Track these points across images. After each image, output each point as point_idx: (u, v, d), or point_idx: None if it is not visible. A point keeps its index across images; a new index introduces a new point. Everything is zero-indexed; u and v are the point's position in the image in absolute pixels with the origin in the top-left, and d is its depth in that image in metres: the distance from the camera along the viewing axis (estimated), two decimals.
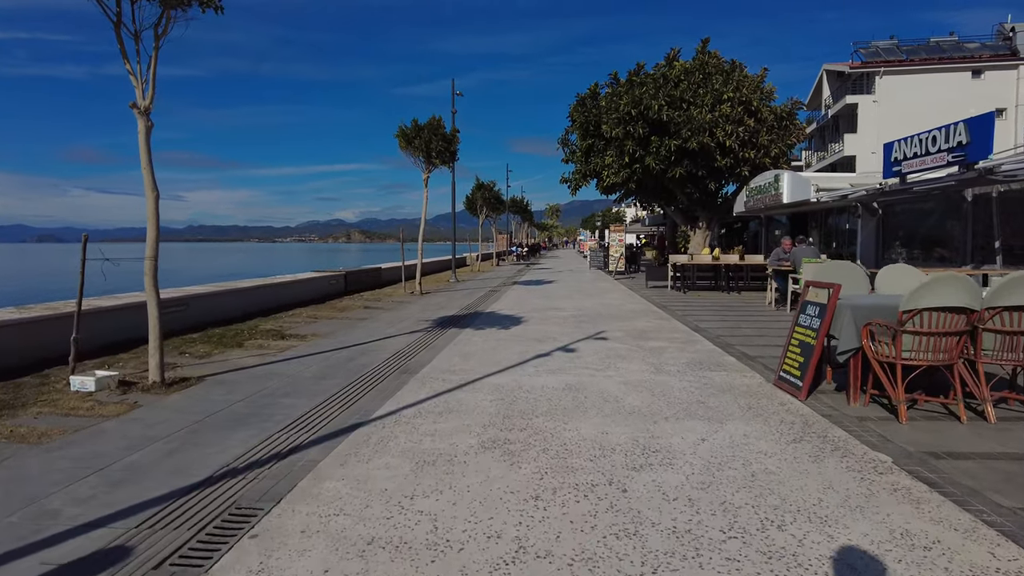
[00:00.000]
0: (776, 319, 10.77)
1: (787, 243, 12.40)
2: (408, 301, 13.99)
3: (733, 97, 22.55)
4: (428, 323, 10.25)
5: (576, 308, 12.29)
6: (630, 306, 12.70)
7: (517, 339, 8.48)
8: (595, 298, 14.49)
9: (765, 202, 20.98)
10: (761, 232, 26.91)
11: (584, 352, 7.46)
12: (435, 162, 14.73)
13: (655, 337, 8.61)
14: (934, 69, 35.54)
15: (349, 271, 16.42)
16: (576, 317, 10.86)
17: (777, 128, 23.70)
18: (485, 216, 27.36)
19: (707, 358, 7.10)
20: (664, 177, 24.58)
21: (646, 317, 10.85)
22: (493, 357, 7.19)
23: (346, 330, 9.53)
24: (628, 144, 22.76)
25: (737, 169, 23.27)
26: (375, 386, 5.82)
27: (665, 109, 21.80)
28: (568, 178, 26.94)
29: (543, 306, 12.70)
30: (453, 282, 20.05)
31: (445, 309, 12.38)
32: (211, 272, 52.39)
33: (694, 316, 10.95)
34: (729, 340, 8.33)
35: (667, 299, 14.15)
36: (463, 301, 13.96)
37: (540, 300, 13.97)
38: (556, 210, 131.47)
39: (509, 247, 46.29)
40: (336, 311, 11.95)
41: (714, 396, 5.38)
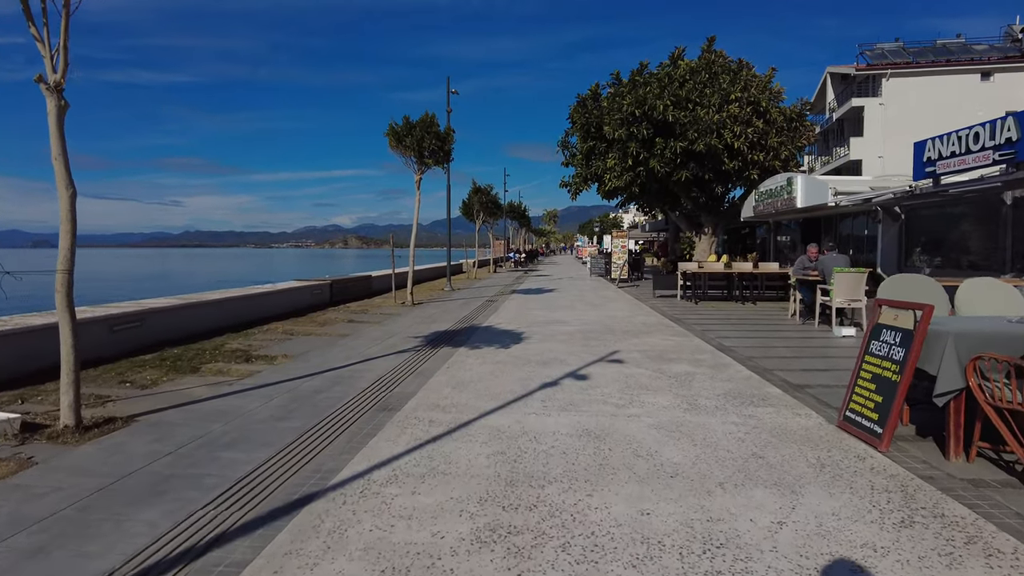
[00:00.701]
0: (807, 335, 9.65)
1: (813, 251, 11.29)
2: (398, 313, 12.84)
3: (741, 97, 21.58)
4: (418, 340, 9.10)
5: (581, 321, 11.17)
6: (640, 319, 11.58)
7: (518, 361, 7.34)
8: (600, 309, 13.37)
9: (776, 206, 19.93)
10: (769, 238, 25.85)
11: (598, 380, 6.33)
12: (428, 162, 13.61)
13: (677, 359, 7.48)
14: (942, 71, 34.64)
15: (335, 280, 15.26)
16: (583, 332, 9.73)
17: (787, 130, 22.73)
18: (482, 221, 26.24)
19: (745, 388, 5.97)
20: (669, 181, 23.57)
21: (661, 332, 9.72)
22: (491, 387, 6.04)
23: (323, 350, 8.37)
24: (631, 146, 21.74)
25: (745, 172, 22.28)
26: (344, 430, 4.67)
27: (671, 109, 20.81)
28: (568, 182, 25.90)
29: (545, 318, 11.57)
30: (448, 291, 18.91)
31: (438, 323, 11.24)
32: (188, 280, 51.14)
33: (714, 331, 9.83)
34: (763, 363, 7.21)
35: (679, 310, 13.04)
36: (458, 313, 12.82)
37: (541, 311, 12.85)
38: (553, 216, 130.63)
39: (507, 253, 45.19)
40: (316, 325, 10.79)
41: (772, 446, 4.25)
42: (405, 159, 13.79)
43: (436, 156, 13.54)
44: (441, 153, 13.59)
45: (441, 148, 13.57)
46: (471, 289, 20.13)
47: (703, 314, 12.41)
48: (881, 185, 16.29)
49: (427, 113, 13.56)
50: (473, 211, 25.84)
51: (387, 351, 8.19)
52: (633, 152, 21.60)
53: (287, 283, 13.72)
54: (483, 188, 25.28)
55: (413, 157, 13.56)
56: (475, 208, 25.60)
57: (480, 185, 25.27)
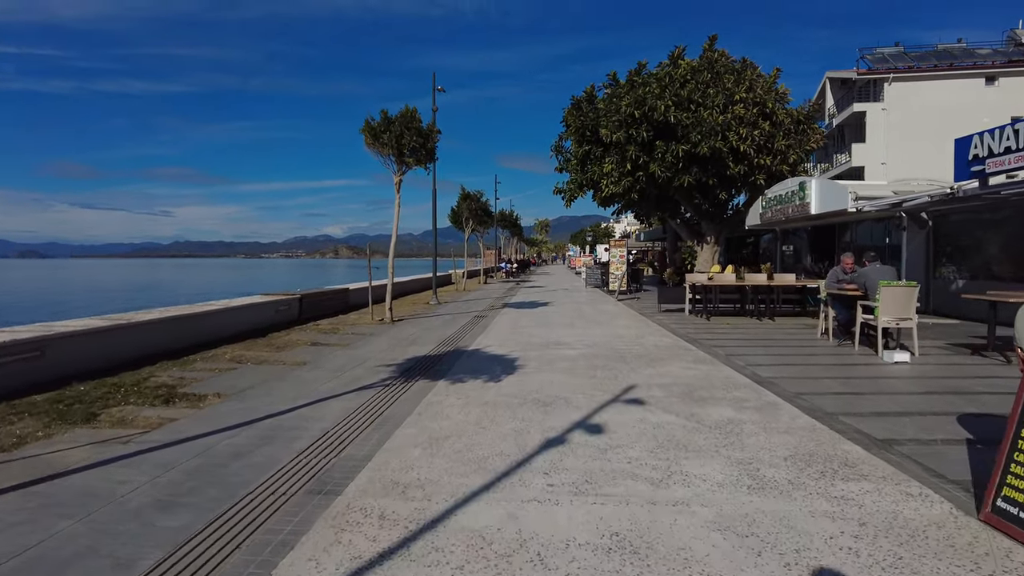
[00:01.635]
0: (851, 361, 8.16)
1: (848, 261, 9.83)
2: (372, 333, 11.25)
3: (746, 98, 20.28)
4: (389, 371, 7.53)
5: (585, 342, 9.64)
6: (651, 339, 10.06)
7: (511, 402, 5.79)
8: (604, 326, 11.85)
9: (787, 213, 18.55)
10: (775, 248, 24.50)
11: (619, 433, 4.78)
12: (408, 161, 12.08)
13: (711, 397, 5.95)
14: (946, 76, 33.68)
15: (306, 294, 13.64)
16: (588, 357, 8.20)
17: (794, 132, 21.44)
18: (471, 230, 24.69)
19: (815, 445, 4.45)
20: (670, 186, 22.19)
21: (680, 358, 8.21)
22: (475, 446, 4.48)
23: (269, 385, 6.77)
24: (630, 150, 20.36)
25: (751, 177, 20.94)
26: (246, 536, 3.09)
27: (672, 110, 19.46)
28: (562, 188, 24.48)
29: (543, 339, 10.03)
30: (434, 305, 17.34)
31: (417, 345, 9.67)
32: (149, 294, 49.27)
33: (741, 356, 8.33)
34: (819, 403, 5.70)
35: (691, 328, 11.54)
36: (442, 332, 11.26)
37: (538, 330, 11.31)
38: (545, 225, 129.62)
39: (498, 263, 43.69)
40: (272, 350, 9.18)
41: (903, 564, 2.73)
42: (383, 159, 12.27)
43: (417, 155, 12.02)
44: (423, 152, 12.07)
45: (423, 146, 12.06)
46: (459, 303, 18.57)
47: (719, 332, 10.92)
48: (905, 189, 14.98)
49: (407, 107, 12.07)
50: (462, 219, 24.29)
51: (348, 386, 6.61)
52: (632, 156, 20.22)
53: (247, 298, 12.09)
54: (472, 194, 23.74)
55: (392, 156, 12.04)
56: (464, 216, 24.05)
57: (469, 191, 23.77)
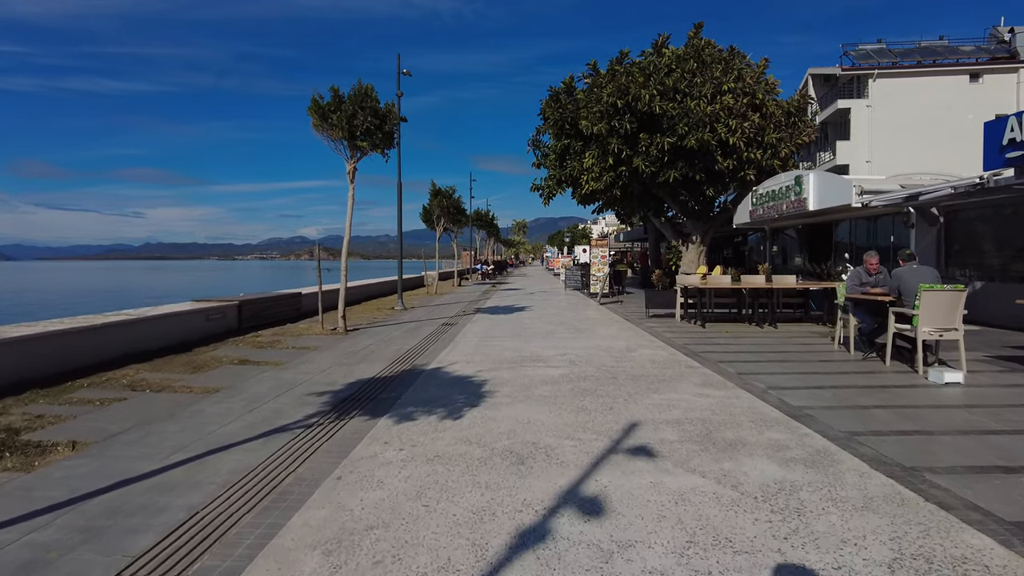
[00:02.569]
0: (891, 381, 6.74)
1: (873, 261, 8.43)
2: (318, 346, 9.55)
3: (735, 88, 18.99)
4: (320, 402, 5.88)
5: (567, 358, 8.10)
6: (645, 352, 8.56)
7: (473, 456, 4.19)
8: (588, 336, 10.33)
9: (780, 210, 17.28)
10: (765, 247, 23.30)
11: (627, 517, 3.20)
12: (362, 146, 10.39)
13: (741, 441, 4.43)
14: (931, 72, 33.03)
15: (247, 300, 11.86)
16: (573, 379, 6.66)
17: (785, 125, 20.21)
18: (443, 229, 22.98)
19: (923, 539, 2.95)
20: (654, 182, 20.80)
21: (686, 379, 6.70)
22: (407, 555, 2.87)
23: (152, 427, 5.07)
24: (612, 143, 18.92)
25: (741, 172, 19.65)
26: None
27: (657, 100, 18.06)
28: (540, 185, 22.96)
29: (517, 354, 8.46)
30: (398, 310, 15.66)
31: (367, 362, 8.02)
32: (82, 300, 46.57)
33: (756, 374, 6.86)
34: (888, 450, 4.22)
35: (686, 336, 10.09)
36: (400, 344, 9.61)
37: (512, 342, 9.73)
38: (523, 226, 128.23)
39: (474, 264, 42.05)
40: (188, 370, 7.45)
41: None
42: (334, 144, 10.57)
43: (373, 139, 10.34)
44: (379, 135, 10.40)
45: (379, 128, 10.39)
46: (427, 307, 16.91)
47: (720, 343, 9.48)
48: (912, 183, 13.78)
49: (361, 83, 10.39)
50: (433, 217, 22.60)
51: (258, 428, 4.95)
52: (614, 149, 18.78)
53: (172, 306, 10.27)
54: (444, 191, 22.01)
55: (343, 139, 10.36)
56: (435, 214, 22.36)
57: (441, 187, 22.03)
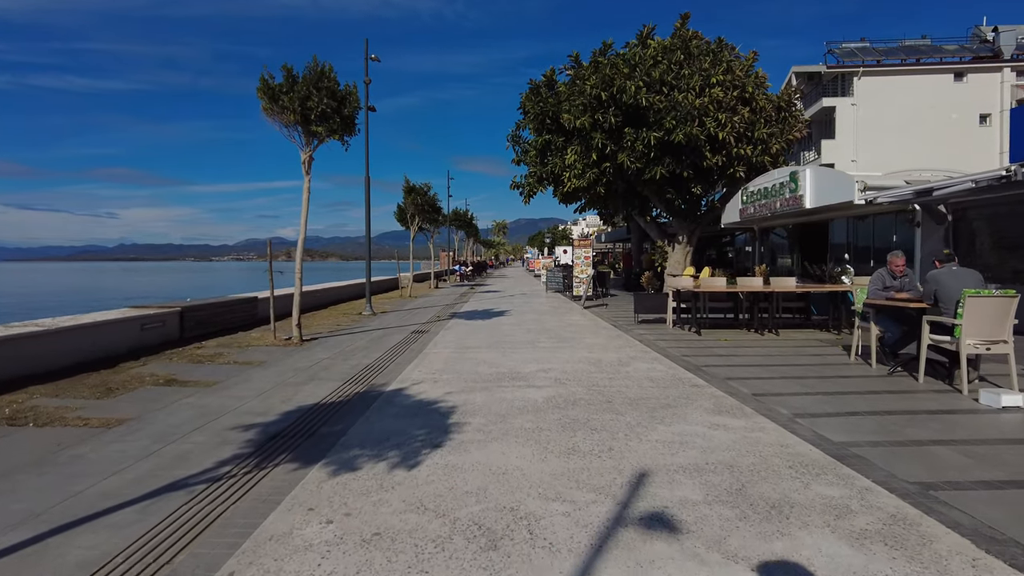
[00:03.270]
0: (932, 403, 5.68)
1: (898, 262, 7.42)
2: (265, 360, 8.27)
3: (724, 80, 18.06)
4: (243, 441, 4.65)
5: (553, 374, 6.96)
6: (641, 366, 7.46)
7: (426, 536, 2.99)
8: (574, 346, 9.21)
9: (774, 208, 16.36)
10: (754, 247, 22.42)
11: None
12: (317, 131, 9.13)
13: (787, 502, 3.32)
14: (916, 71, 32.66)
15: (192, 306, 10.50)
16: (561, 404, 5.52)
17: (775, 120, 19.35)
18: (418, 228, 21.66)
19: None
20: (639, 179, 19.80)
21: (693, 401, 5.60)
22: None
23: (1, 485, 3.82)
24: (596, 137, 17.87)
25: (730, 169, 18.73)
26: None
27: (644, 92, 17.03)
28: (520, 183, 21.83)
29: (494, 370, 7.31)
30: (366, 315, 14.39)
31: (316, 381, 6.79)
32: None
33: (774, 396, 5.79)
34: (985, 514, 3.14)
35: (683, 346, 9.02)
36: (360, 358, 8.39)
37: (489, 354, 8.56)
38: (503, 227, 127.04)
39: (452, 266, 40.80)
40: (96, 394, 6.14)
41: None
42: (287, 130, 9.31)
43: (330, 123, 9.09)
44: (338, 119, 9.15)
45: (338, 112, 9.15)
46: (399, 312, 15.66)
47: (722, 354, 8.42)
48: (918, 179, 12.96)
49: (316, 61, 9.13)
50: (407, 215, 21.29)
51: (141, 487, 3.70)
52: (598, 144, 17.73)
53: (97, 315, 8.89)
54: (418, 187, 20.71)
55: (296, 124, 9.10)
56: (409, 212, 21.06)
57: (415, 184, 20.71)
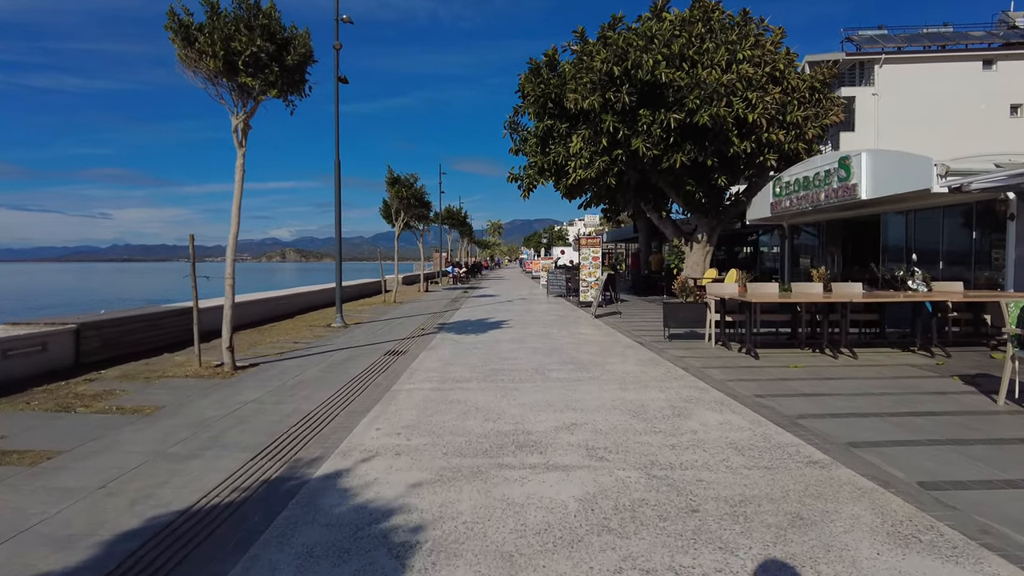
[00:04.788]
0: None
1: None
2: (162, 405, 5.80)
3: (753, 56, 15.71)
4: None
5: (583, 437, 4.50)
6: (709, 417, 5.03)
7: None
8: (600, 378, 6.76)
9: (816, 200, 13.96)
10: (783, 247, 20.00)
11: None
12: (248, 83, 6.68)
13: None
14: (940, 58, 30.42)
15: (94, 321, 8.00)
16: (611, 525, 3.01)
17: (809, 102, 17.01)
18: (404, 224, 19.10)
19: None
20: (656, 169, 17.40)
21: (842, 507, 3.15)
22: None
23: None
24: (607, 120, 15.46)
25: (759, 157, 16.37)
26: None
27: (663, 67, 14.64)
28: (519, 175, 19.39)
29: (491, 426, 4.86)
30: (336, 327, 11.93)
31: (213, 452, 4.33)
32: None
33: (960, 488, 3.41)
34: None
35: (746, 378, 6.59)
36: (298, 403, 5.92)
37: (483, 393, 6.12)
38: (498, 227, 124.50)
39: (444, 267, 38.33)
40: None
41: None
42: (214, 87, 6.86)
43: (266, 74, 6.64)
44: (276, 68, 6.70)
45: (278, 60, 6.70)
46: (376, 323, 13.17)
47: (805, 391, 6.01)
48: (1008, 163, 10.65)
49: None
50: (391, 209, 18.78)
51: None
52: (609, 128, 15.32)
53: None
54: (403, 179, 18.18)
55: (220, 75, 6.64)
56: (394, 206, 18.55)
57: (400, 174, 18.15)
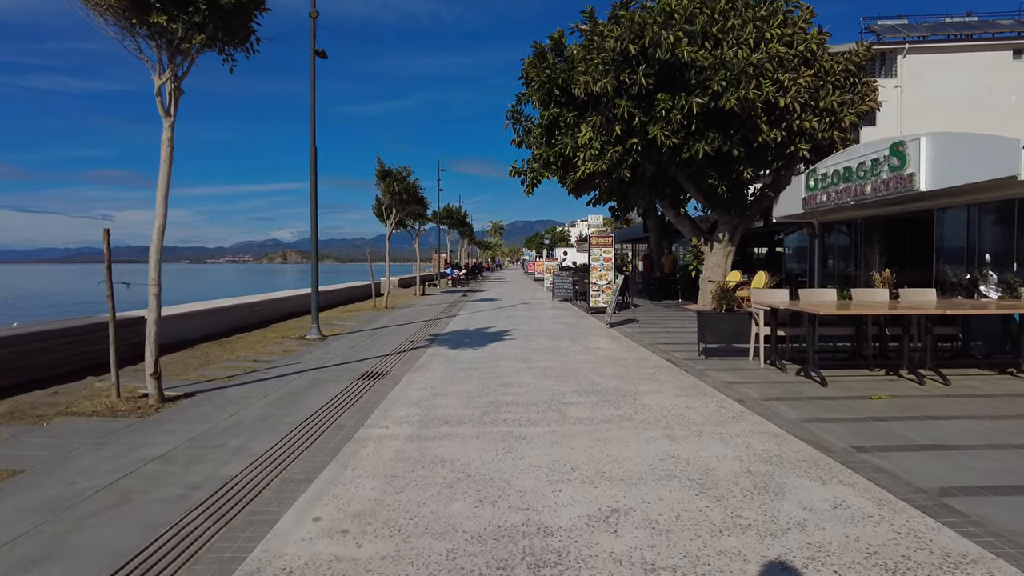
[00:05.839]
0: None
1: None
2: (27, 470, 4.19)
3: (783, 35, 14.10)
4: None
5: (632, 543, 2.87)
6: (815, 497, 3.34)
7: None
8: (636, 418, 5.08)
9: (860, 193, 12.25)
10: (813, 248, 18.09)
11: None
12: (165, 24, 5.03)
13: None
14: (968, 47, 28.77)
15: None
16: None
17: (844, 86, 15.37)
18: (396, 221, 17.38)
19: None
20: (674, 160, 15.77)
21: None
22: None
23: None
24: (621, 105, 13.83)
25: (790, 147, 14.76)
26: None
27: (684, 44, 13.01)
28: (522, 169, 17.75)
29: (488, 517, 3.14)
30: (311, 339, 10.29)
31: (45, 565, 2.73)
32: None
33: None
34: None
35: (827, 418, 4.90)
36: (216, 465, 4.26)
37: (478, 448, 4.42)
38: (500, 228, 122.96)
39: (443, 268, 36.71)
40: None
41: None
42: (121, 31, 5.22)
43: (191, 15, 4.99)
44: (206, 8, 5.05)
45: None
46: (358, 335, 11.49)
47: (921, 442, 4.32)
48: None
49: None
50: (382, 206, 17.10)
51: None
52: (623, 114, 13.69)
53: None
54: (395, 171, 16.47)
55: (135, 23, 5.00)
56: (385, 203, 16.87)
57: (391, 167, 16.44)
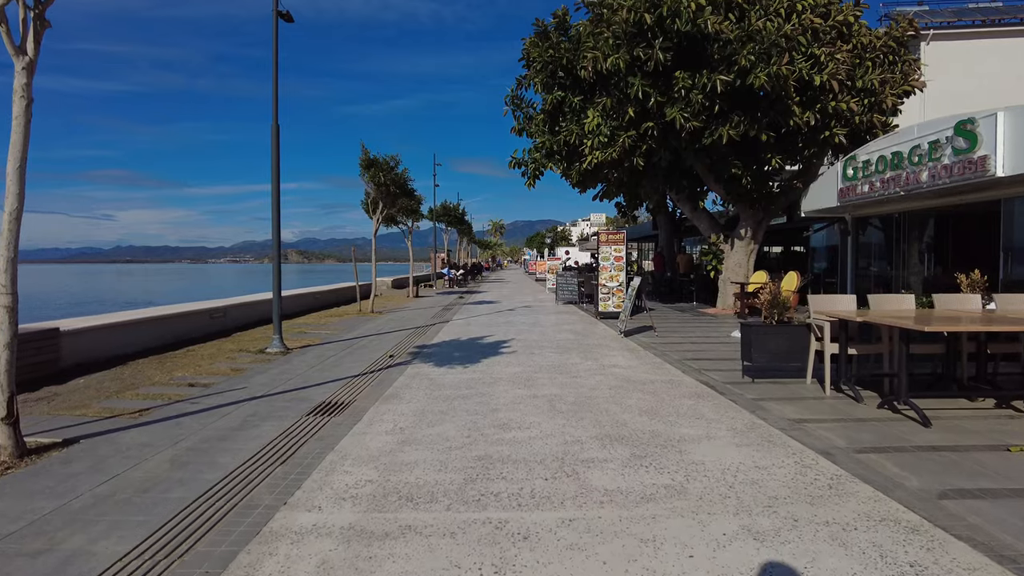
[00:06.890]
0: None
1: None
2: None
3: (817, 4, 12.39)
4: None
5: None
6: None
7: None
8: (690, 489, 3.32)
9: (915, 181, 10.44)
10: (847, 246, 16.18)
11: None
12: None
13: None
14: (998, 33, 27.05)
15: None
16: None
17: (886, 64, 13.62)
18: (383, 215, 15.56)
19: None
20: (694, 147, 14.05)
21: None
22: None
23: None
24: (634, 83, 12.12)
25: (824, 132, 13.03)
26: None
27: (708, 13, 11.31)
28: (523, 159, 16.04)
29: None
30: (273, 352, 8.58)
31: None
32: None
33: None
34: None
35: (974, 489, 3.23)
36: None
37: (451, 569, 2.82)
38: (500, 227, 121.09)
39: (440, 268, 35.00)
40: None
41: None
42: None
43: None
44: None
45: None
46: (330, 346, 9.75)
47: None
48: None
49: None
50: (368, 201, 15.35)
51: None
52: (637, 94, 11.97)
53: None
54: (381, 161, 14.67)
55: None
56: (371, 195, 15.12)
57: (376, 156, 14.63)
